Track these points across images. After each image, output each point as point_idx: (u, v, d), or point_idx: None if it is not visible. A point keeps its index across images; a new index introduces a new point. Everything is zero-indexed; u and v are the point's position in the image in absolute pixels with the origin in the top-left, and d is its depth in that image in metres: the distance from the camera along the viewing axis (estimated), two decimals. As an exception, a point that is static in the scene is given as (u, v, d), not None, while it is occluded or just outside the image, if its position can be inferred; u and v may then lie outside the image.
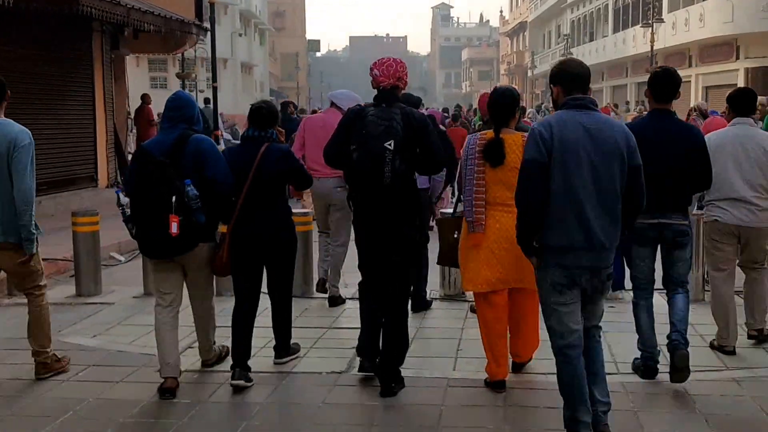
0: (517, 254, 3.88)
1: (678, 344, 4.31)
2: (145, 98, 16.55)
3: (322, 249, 6.43)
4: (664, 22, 27.80)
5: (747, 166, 4.80)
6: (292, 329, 4.95)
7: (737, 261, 5.03)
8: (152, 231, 4.19)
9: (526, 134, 3.96)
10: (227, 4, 47.22)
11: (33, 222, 4.45)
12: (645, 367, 4.51)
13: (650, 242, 4.45)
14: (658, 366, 4.51)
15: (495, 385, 4.36)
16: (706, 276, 5.98)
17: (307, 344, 5.24)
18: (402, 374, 4.43)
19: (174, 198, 4.10)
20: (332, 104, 6.26)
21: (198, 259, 4.41)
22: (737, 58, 26.32)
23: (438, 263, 5.19)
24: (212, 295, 4.82)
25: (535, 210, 3.41)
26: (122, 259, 9.04)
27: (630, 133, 3.54)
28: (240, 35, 48.91)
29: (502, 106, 4.36)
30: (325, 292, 6.34)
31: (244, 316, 4.57)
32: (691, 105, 16.20)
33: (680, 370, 4.29)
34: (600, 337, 3.69)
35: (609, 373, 4.10)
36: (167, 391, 4.34)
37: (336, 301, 6.30)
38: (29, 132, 4.54)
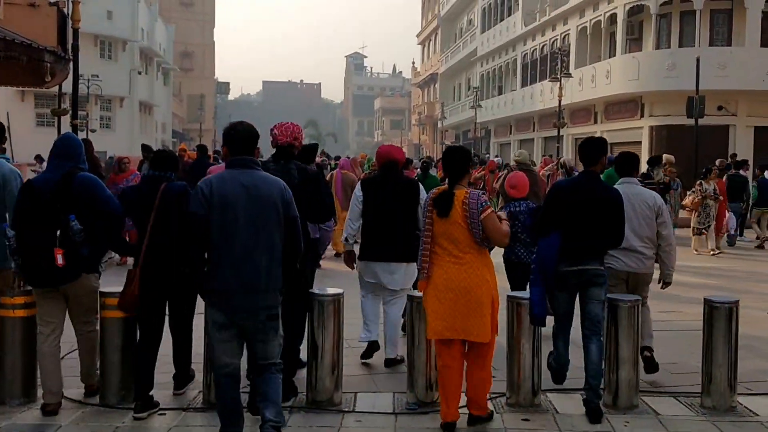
0: (464, 304, 4.38)
1: (591, 402, 4.79)
2: None
3: None
4: (572, 77, 27.54)
5: (635, 220, 5.50)
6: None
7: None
8: (38, 262, 4.47)
9: (471, 190, 4.49)
10: (126, 41, 44.99)
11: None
12: (555, 364, 5.09)
13: (571, 288, 4.91)
14: (567, 372, 5.11)
15: (445, 427, 4.48)
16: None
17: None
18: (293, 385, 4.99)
19: (58, 232, 4.46)
20: None
21: (82, 288, 4.69)
22: (642, 115, 26.23)
23: None
24: (96, 322, 4.90)
25: (196, 256, 3.90)
26: None
27: (286, 188, 4.01)
28: (139, 73, 46.50)
29: (457, 162, 4.59)
30: None
31: (149, 347, 4.79)
32: (561, 160, 15.74)
33: (594, 421, 4.72)
34: (279, 372, 4.04)
35: None
36: (50, 412, 4.67)
37: None
38: (19, 172, 5.15)
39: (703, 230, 13.89)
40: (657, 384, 5.64)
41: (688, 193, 14.40)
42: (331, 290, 4.96)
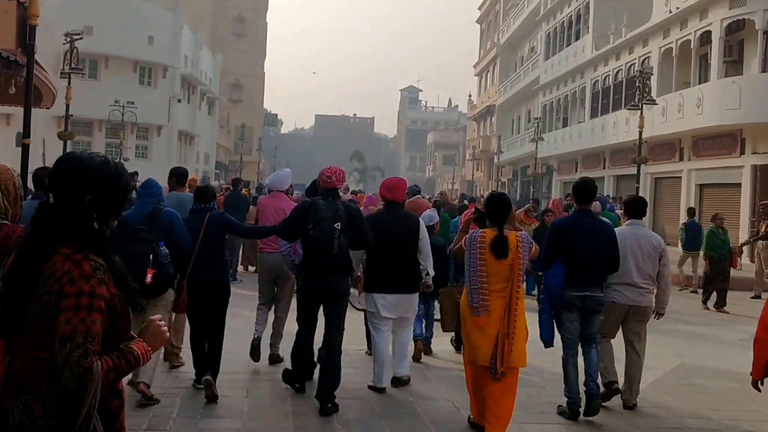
0: (502, 332, 5.08)
1: (594, 393, 5.84)
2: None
3: (261, 316, 7.36)
4: (656, 104, 23.55)
5: (640, 258, 6.23)
6: None
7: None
8: (134, 281, 5.46)
9: (520, 233, 5.31)
10: (167, 67, 42.82)
11: None
12: (570, 410, 5.89)
13: (576, 309, 5.91)
14: (580, 410, 5.88)
15: (475, 426, 5.39)
16: None
17: None
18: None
19: (151, 256, 5.50)
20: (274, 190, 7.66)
21: (164, 301, 5.90)
22: (742, 152, 22.01)
23: (444, 330, 6.87)
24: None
25: None
26: None
27: None
28: (179, 101, 44.18)
29: (501, 208, 5.33)
30: (257, 359, 7.10)
31: (200, 339, 6.30)
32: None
33: (594, 410, 5.83)
34: None
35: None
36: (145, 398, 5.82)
37: (275, 359, 7.22)
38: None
39: None
40: None
41: None
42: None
